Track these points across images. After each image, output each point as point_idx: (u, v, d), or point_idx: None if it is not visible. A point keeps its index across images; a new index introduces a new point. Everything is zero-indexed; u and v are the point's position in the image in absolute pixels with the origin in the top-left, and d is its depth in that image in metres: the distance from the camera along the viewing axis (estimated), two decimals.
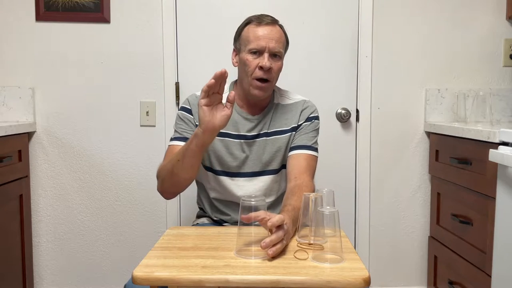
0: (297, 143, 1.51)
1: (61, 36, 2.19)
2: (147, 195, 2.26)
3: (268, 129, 1.53)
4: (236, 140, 1.51)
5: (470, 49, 2.27)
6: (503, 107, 2.27)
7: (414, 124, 2.28)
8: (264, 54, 1.44)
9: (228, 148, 1.51)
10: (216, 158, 1.52)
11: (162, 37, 2.19)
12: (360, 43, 2.23)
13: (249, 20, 1.49)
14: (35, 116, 2.21)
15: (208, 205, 1.59)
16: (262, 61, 1.43)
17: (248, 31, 1.47)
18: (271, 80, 1.47)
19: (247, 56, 1.45)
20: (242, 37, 1.49)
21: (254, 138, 1.52)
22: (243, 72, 1.48)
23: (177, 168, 1.34)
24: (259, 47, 1.43)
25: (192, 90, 1.68)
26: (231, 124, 1.50)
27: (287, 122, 1.54)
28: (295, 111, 1.56)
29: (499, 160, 1.45)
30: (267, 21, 1.46)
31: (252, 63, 1.44)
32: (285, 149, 1.53)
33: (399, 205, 2.31)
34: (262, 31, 1.44)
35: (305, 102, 1.58)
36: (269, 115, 1.54)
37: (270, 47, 1.43)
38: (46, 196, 2.24)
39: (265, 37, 1.43)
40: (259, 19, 1.47)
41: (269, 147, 1.52)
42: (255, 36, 1.44)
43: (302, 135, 1.53)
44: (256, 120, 1.53)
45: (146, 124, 2.23)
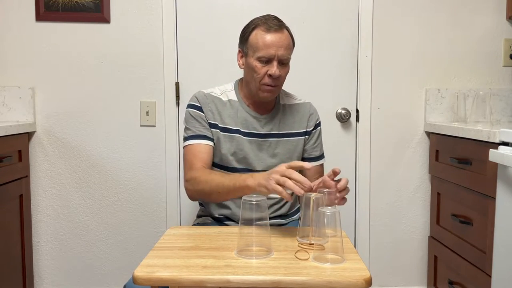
0: (312, 155, 1.63)
1: (61, 36, 2.19)
2: (147, 195, 2.26)
3: (279, 130, 1.56)
4: (246, 137, 1.52)
5: (470, 49, 2.27)
6: (503, 107, 2.27)
7: (414, 124, 2.28)
8: (273, 62, 1.44)
9: (239, 145, 1.52)
10: (226, 155, 1.52)
11: (162, 37, 2.19)
12: (360, 43, 2.23)
13: (257, 24, 1.47)
14: (35, 116, 2.21)
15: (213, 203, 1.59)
16: (271, 69, 1.43)
17: (257, 37, 1.44)
18: (280, 85, 1.50)
19: (256, 63, 1.45)
20: (250, 42, 1.47)
21: (265, 137, 1.54)
22: (250, 77, 1.49)
23: (218, 199, 1.44)
24: (268, 55, 1.43)
25: (192, 90, 1.69)
26: (240, 121, 1.53)
27: (296, 125, 1.59)
28: (303, 113, 1.60)
29: (499, 160, 1.45)
30: (276, 27, 1.44)
31: (261, 70, 1.45)
32: (299, 151, 1.59)
33: (399, 205, 2.31)
34: (271, 38, 1.43)
35: (310, 106, 1.65)
36: (277, 116, 1.57)
37: (279, 54, 1.43)
38: (46, 196, 2.24)
39: (274, 45, 1.42)
40: (267, 24, 1.44)
41: (283, 147, 1.55)
42: (264, 44, 1.43)
43: (315, 145, 1.63)
44: (265, 120, 1.55)
45: (146, 124, 2.23)
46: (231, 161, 1.52)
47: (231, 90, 1.58)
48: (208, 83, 1.69)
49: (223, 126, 1.52)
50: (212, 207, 1.57)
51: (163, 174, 2.24)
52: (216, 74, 2.21)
